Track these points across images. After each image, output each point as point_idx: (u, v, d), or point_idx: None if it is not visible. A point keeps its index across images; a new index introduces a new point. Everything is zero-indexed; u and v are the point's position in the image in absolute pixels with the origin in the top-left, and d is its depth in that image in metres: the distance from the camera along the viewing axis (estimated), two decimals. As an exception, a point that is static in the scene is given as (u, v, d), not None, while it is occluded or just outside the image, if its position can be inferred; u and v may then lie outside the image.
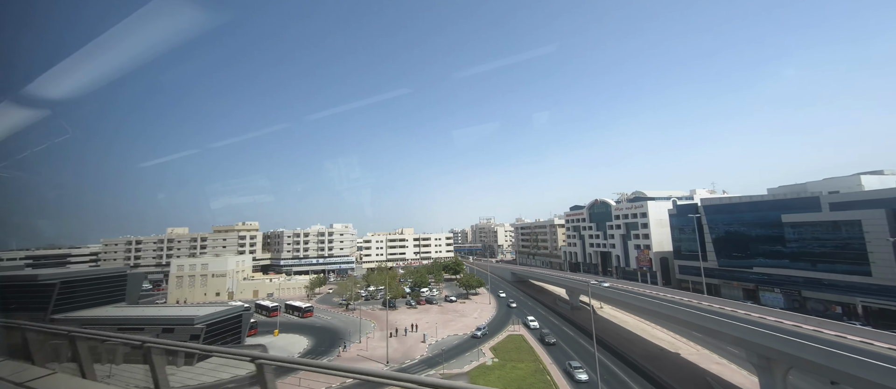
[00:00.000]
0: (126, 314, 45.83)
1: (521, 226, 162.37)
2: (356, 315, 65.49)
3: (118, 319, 44.16)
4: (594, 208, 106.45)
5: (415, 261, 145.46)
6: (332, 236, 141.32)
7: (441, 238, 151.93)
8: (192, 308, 47.86)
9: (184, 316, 42.48)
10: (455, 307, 68.35)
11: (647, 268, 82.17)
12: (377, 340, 48.67)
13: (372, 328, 55.61)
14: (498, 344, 43.56)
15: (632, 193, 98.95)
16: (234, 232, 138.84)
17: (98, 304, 50.83)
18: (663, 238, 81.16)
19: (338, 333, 53.71)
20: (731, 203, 64.01)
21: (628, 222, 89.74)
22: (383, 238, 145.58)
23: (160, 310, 47.05)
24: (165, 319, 42.76)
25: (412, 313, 65.50)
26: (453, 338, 48.27)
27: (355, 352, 43.86)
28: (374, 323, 58.83)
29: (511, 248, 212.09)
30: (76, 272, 49.51)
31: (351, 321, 61.00)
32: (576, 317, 58.10)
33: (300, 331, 55.27)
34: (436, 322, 56.85)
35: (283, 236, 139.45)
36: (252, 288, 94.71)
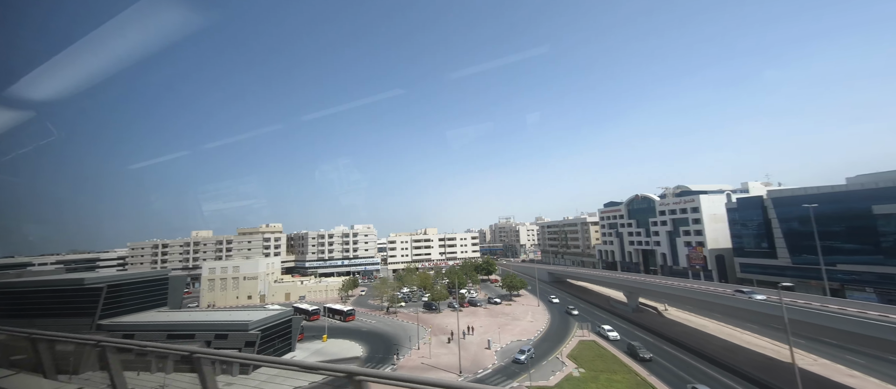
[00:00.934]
0: (174, 319, 43.52)
1: (548, 224, 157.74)
2: (400, 319, 62.44)
3: (167, 325, 41.81)
4: (633, 204, 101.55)
5: (440, 262, 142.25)
6: (357, 238, 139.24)
7: (466, 238, 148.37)
8: (242, 313, 45.32)
9: (237, 322, 39.86)
10: (502, 310, 64.67)
11: (701, 266, 77.17)
12: (435, 346, 45.36)
13: (425, 333, 52.35)
14: (574, 353, 39.63)
15: (675, 187, 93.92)
16: (258, 234, 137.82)
17: (142, 309, 48.80)
18: (718, 234, 76.17)
19: (389, 338, 50.60)
20: (806, 195, 58.85)
21: (676, 217, 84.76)
22: (408, 239, 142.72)
23: (209, 315, 44.68)
24: (218, 325, 40.22)
25: (459, 316, 62.02)
26: (518, 344, 44.63)
27: (417, 360, 40.60)
28: (429, 328, 55.55)
29: (534, 247, 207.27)
30: (121, 276, 47.51)
31: (397, 325, 57.93)
32: (644, 321, 53.83)
33: (348, 336, 52.36)
34: (489, 326, 53.35)
35: (308, 238, 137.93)
36: (284, 291, 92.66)
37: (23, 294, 45.25)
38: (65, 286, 43.99)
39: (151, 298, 50.48)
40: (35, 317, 43.22)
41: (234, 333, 39.23)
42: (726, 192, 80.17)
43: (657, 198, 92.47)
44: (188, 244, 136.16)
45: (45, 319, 42.80)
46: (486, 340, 44.58)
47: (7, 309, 44.41)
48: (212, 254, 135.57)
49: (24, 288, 45.75)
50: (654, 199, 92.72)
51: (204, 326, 40.70)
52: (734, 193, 79.98)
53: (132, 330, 42.41)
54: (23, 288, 45.74)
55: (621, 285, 63.08)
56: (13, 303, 44.64)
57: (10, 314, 44.09)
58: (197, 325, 40.93)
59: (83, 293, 43.11)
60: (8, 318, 43.59)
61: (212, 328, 40.21)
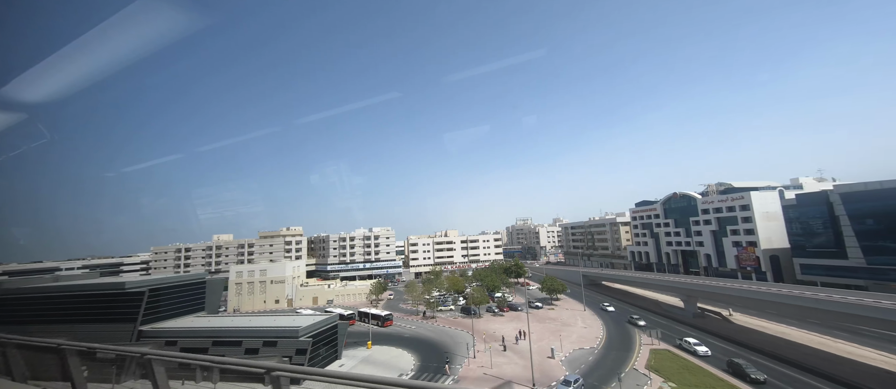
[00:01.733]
0: (217, 324, 41.29)
1: (572, 225, 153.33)
2: (439, 324, 59.48)
3: (212, 331, 39.61)
4: (671, 203, 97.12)
5: (463, 264, 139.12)
6: (378, 240, 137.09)
7: (489, 240, 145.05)
8: (287, 318, 42.90)
9: (287, 328, 37.41)
10: (547, 315, 61.19)
11: (753, 268, 72.52)
12: (490, 354, 42.16)
13: (473, 340, 49.26)
14: (653, 365, 35.88)
15: (716, 183, 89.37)
16: (279, 238, 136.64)
17: (181, 313, 46.84)
18: (772, 233, 71.54)
19: (436, 346, 47.63)
20: (882, 190, 54.20)
21: (722, 216, 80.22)
22: (429, 241, 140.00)
23: (254, 321, 42.33)
24: (266, 331, 37.83)
25: (501, 321, 58.91)
26: (582, 353, 41.25)
27: (477, 370, 37.54)
28: (475, 335, 52.43)
29: (554, 249, 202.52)
30: (161, 280, 45.65)
31: (440, 331, 54.97)
32: (711, 327, 49.81)
33: (391, 342, 49.59)
34: (540, 333, 50.00)
35: (329, 241, 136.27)
36: (311, 295, 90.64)
37: (61, 299, 43.66)
38: (105, 291, 42.22)
39: (190, 303, 48.54)
40: (76, 323, 41.53)
41: (283, 340, 36.77)
42: (779, 188, 75.56)
43: (699, 196, 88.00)
44: (210, 247, 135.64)
45: (86, 325, 41.06)
46: (549, 348, 41.26)
47: (48, 315, 42.84)
48: (234, 258, 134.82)
49: (62, 292, 44.18)
50: (696, 197, 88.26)
51: (251, 332, 38.35)
52: (789, 189, 75.35)
53: (174, 336, 40.34)
54: (62, 292, 44.18)
55: (680, 288, 58.95)
56: (53, 308, 43.06)
57: (51, 319, 42.51)
58: (243, 331, 38.61)
59: (124, 297, 41.27)
60: (49, 324, 42.02)
61: (259, 335, 37.83)
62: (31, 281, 51.06)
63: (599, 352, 40.93)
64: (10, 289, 46.26)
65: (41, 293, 45.22)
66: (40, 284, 48.63)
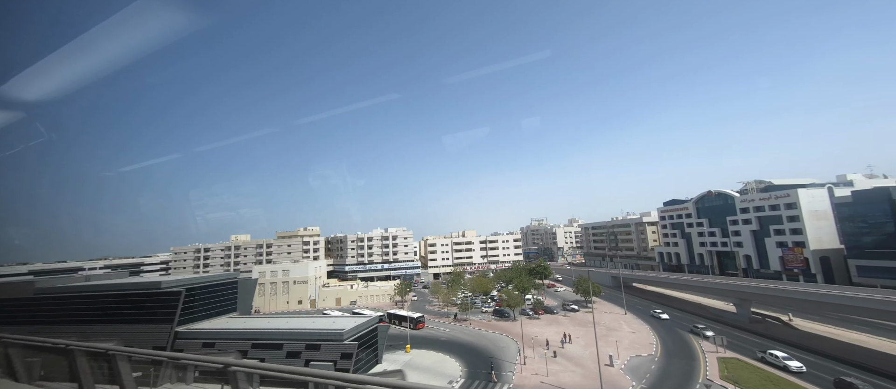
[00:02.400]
0: (257, 326, 39.65)
1: (593, 226, 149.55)
2: (473, 327, 57.15)
3: (250, 333, 37.97)
4: (705, 202, 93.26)
5: (482, 265, 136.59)
6: (396, 241, 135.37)
7: (508, 240, 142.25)
8: (327, 320, 41.05)
9: (331, 331, 35.54)
10: (586, 318, 58.37)
11: (801, 269, 68.55)
12: (540, 360, 39.68)
13: (512, 343, 46.83)
14: (730, 376, 32.70)
15: (755, 181, 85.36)
16: (297, 238, 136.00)
17: (214, 314, 45.46)
18: (821, 233, 67.59)
19: (478, 350, 45.28)
20: (956, 185, 50.14)
21: (764, 215, 76.33)
22: (448, 241, 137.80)
23: (292, 322, 40.54)
24: (308, 333, 36.01)
25: (539, 324, 56.31)
26: (642, 361, 38.51)
27: (533, 379, 35.08)
28: (531, 340, 49.99)
29: (571, 250, 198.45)
30: (195, 279, 44.36)
31: (477, 335, 52.64)
32: (774, 333, 46.49)
33: (431, 346, 47.38)
34: (587, 338, 47.26)
35: (347, 241, 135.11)
36: (333, 295, 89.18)
37: (96, 299, 42.64)
38: (141, 291, 41.02)
39: (222, 303, 47.18)
40: (111, 323, 40.38)
41: (327, 343, 34.89)
42: (828, 186, 71.47)
43: (736, 194, 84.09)
44: (229, 247, 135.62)
45: (122, 325, 39.86)
46: (603, 354, 38.57)
47: (82, 315, 41.79)
48: (252, 258, 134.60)
49: (97, 292, 43.16)
50: (733, 195, 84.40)
51: (292, 335, 36.57)
52: (838, 186, 71.26)
53: (211, 338, 38.82)
54: (96, 292, 43.16)
55: (734, 291, 55.39)
56: (88, 308, 42.02)
57: (86, 320, 41.43)
58: (284, 334, 36.84)
59: (160, 297, 39.99)
60: (84, 324, 40.93)
61: (301, 338, 36.03)
62: (59, 281, 50.30)
63: (661, 360, 38.12)
64: (45, 289, 45.43)
65: (75, 293, 44.27)
66: (73, 283, 47.77)
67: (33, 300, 45.06)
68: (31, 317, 44.48)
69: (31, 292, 45.14)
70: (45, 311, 43.74)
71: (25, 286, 45.72)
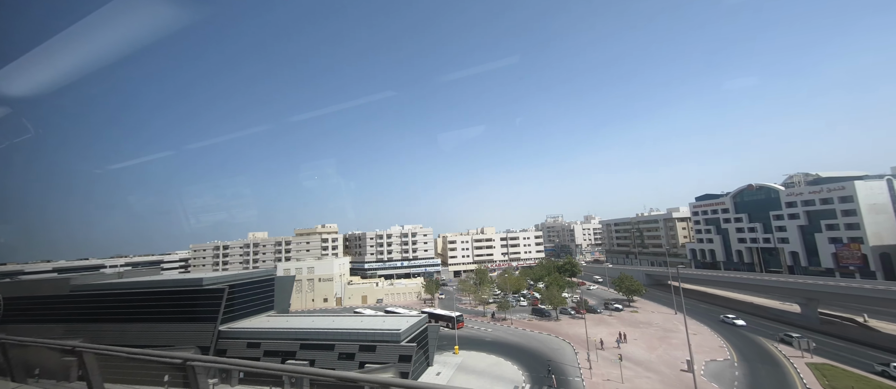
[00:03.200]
0: (305, 325, 37.49)
1: (616, 222, 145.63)
2: (514, 326, 54.57)
3: (300, 333, 35.86)
4: (744, 196, 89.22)
5: (503, 262, 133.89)
6: (415, 238, 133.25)
7: (530, 237, 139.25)
8: (375, 320, 38.78)
9: (387, 331, 33.24)
10: (635, 318, 55.37)
11: (857, 266, 64.57)
12: (604, 364, 36.91)
13: (576, 347, 44.11)
14: (832, 384, 29.52)
15: (800, 174, 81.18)
16: (316, 235, 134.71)
17: (252, 313, 43.52)
18: (880, 228, 63.60)
19: (531, 352, 42.68)
20: None
21: (814, 210, 72.30)
22: (468, 239, 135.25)
23: (342, 321, 38.28)
24: (362, 334, 33.74)
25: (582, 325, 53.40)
26: (721, 366, 35.53)
27: (608, 386, 32.30)
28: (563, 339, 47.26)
29: (590, 247, 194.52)
30: (236, 276, 42.49)
31: (523, 335, 50.06)
32: (851, 334, 43.14)
33: (480, 347, 44.89)
34: (646, 340, 44.35)
35: (366, 239, 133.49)
36: (359, 293, 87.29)
37: (136, 297, 40.98)
38: (182, 288, 39.19)
39: (261, 301, 45.26)
40: (152, 322, 38.65)
41: (383, 344, 32.57)
42: (887, 178, 67.24)
43: (781, 187, 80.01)
44: (248, 245, 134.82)
45: (164, 324, 38.08)
46: (674, 358, 35.68)
47: (121, 313, 40.15)
48: (271, 255, 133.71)
49: (136, 290, 41.50)
50: (777, 189, 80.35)
51: (344, 335, 34.34)
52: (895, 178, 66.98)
53: (257, 337, 36.83)
54: (135, 290, 41.49)
55: (799, 290, 51.83)
56: (128, 306, 40.36)
57: (125, 318, 39.79)
58: (335, 334, 34.62)
59: (203, 295, 38.11)
60: (124, 323, 39.29)
61: (354, 338, 33.78)
62: (93, 278, 48.87)
63: (741, 366, 35.07)
64: (80, 286, 43.96)
65: (111, 291, 42.69)
66: (107, 281, 46.26)
67: (69, 298, 43.63)
68: (67, 315, 43.03)
69: (67, 289, 43.71)
70: (81, 309, 42.23)
71: (61, 284, 44.30)
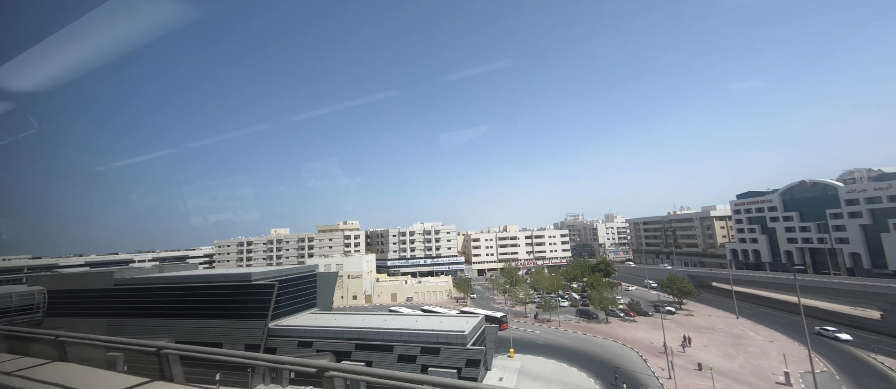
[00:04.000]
0: (358, 325, 35.47)
1: (645, 221, 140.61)
2: (565, 328, 51.70)
3: (356, 332, 33.83)
4: (795, 193, 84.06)
5: (528, 261, 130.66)
6: (439, 235, 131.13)
7: (555, 236, 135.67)
8: (431, 319, 36.56)
9: (452, 332, 30.92)
10: (694, 323, 51.82)
11: (933, 269, 59.28)
12: (686, 374, 33.80)
13: (633, 351, 41.08)
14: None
15: (863, 169, 75.68)
16: (338, 232, 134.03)
17: (296, 310, 41.83)
18: (962, 227, 58.12)
19: (591, 357, 39.82)
20: None
21: (879, 208, 67.19)
22: (493, 236, 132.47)
23: (392, 321, 36.12)
24: (426, 335, 31.50)
25: (638, 328, 50.33)
26: (823, 379, 31.93)
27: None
28: (622, 344, 44.18)
29: (614, 247, 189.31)
30: (280, 271, 40.92)
31: (574, 338, 47.24)
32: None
33: (531, 350, 42.19)
34: (718, 347, 40.93)
35: (388, 236, 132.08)
36: (389, 291, 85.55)
37: (178, 291, 39.76)
38: (232, 282, 37.68)
39: (304, 298, 43.56)
40: (200, 318, 37.30)
41: (448, 347, 30.24)
42: (968, 172, 61.65)
43: (839, 184, 74.74)
44: (271, 241, 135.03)
45: (213, 320, 36.68)
46: (760, 368, 32.34)
47: (168, 308, 38.97)
48: (294, 252, 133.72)
49: (179, 285, 40.30)
50: (835, 185, 75.16)
51: (404, 336, 32.14)
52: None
53: (308, 336, 35.01)
54: (178, 285, 40.30)
55: (884, 294, 47.47)
56: (173, 301, 39.15)
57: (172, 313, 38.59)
58: (394, 334, 32.45)
59: (253, 290, 36.53)
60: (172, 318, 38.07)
61: (415, 339, 31.57)
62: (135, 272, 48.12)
63: (846, 380, 31.50)
64: (124, 280, 43.04)
65: (156, 285, 41.57)
66: (150, 275, 45.27)
67: (113, 292, 42.77)
68: (112, 310, 42.16)
69: (111, 283, 42.82)
70: (126, 303, 41.27)
71: (105, 277, 43.46)
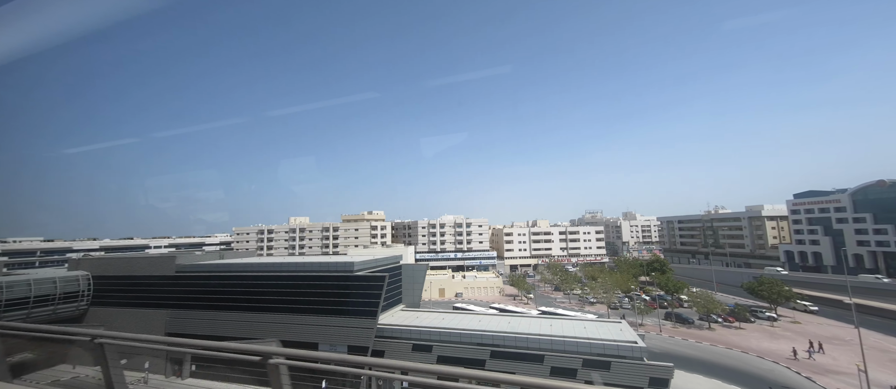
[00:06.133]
0: (488, 328, 29.90)
1: (680, 219, 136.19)
2: (658, 333, 46.64)
3: (489, 337, 28.31)
4: (868, 193, 79.59)
5: (562, 258, 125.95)
6: (470, 228, 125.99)
7: (590, 232, 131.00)
8: (572, 325, 31.05)
9: (624, 343, 25.42)
10: (808, 331, 46.85)
11: None
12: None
13: (764, 362, 36.06)
14: None
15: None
16: (365, 222, 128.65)
17: (387, 307, 36.25)
18: None
19: (730, 370, 34.70)
20: None
21: (978, 210, 62.37)
22: (526, 231, 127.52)
23: (523, 324, 30.59)
24: (588, 344, 25.96)
25: (747, 335, 45.31)
26: None
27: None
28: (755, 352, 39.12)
29: (638, 245, 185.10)
30: (373, 261, 35.29)
31: (684, 345, 42.18)
32: None
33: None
34: (847, 357, 35.99)
35: (418, 227, 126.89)
36: (436, 286, 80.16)
37: (257, 281, 34.06)
38: (330, 273, 31.91)
39: (392, 293, 37.97)
40: (290, 313, 31.70)
41: (622, 361, 24.82)
42: None
43: (926, 184, 70.02)
44: (293, 230, 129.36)
45: (311, 316, 31.06)
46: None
47: (256, 300, 33.26)
48: (318, 241, 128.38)
49: (257, 273, 34.55)
50: (921, 185, 70.34)
51: (559, 344, 26.61)
52: None
53: (426, 339, 29.47)
54: (262, 273, 34.50)
55: None
56: (261, 293, 33.42)
57: (257, 306, 32.92)
58: (545, 341, 26.85)
59: (358, 283, 30.90)
60: (255, 312, 32.44)
61: (575, 349, 26.07)
62: (195, 258, 42.20)
63: None
64: (188, 266, 37.23)
65: (230, 273, 35.80)
66: (214, 262, 39.45)
67: (173, 280, 37.02)
68: (173, 299, 36.46)
69: (173, 269, 37.03)
70: (190, 293, 35.57)
71: (165, 263, 37.65)
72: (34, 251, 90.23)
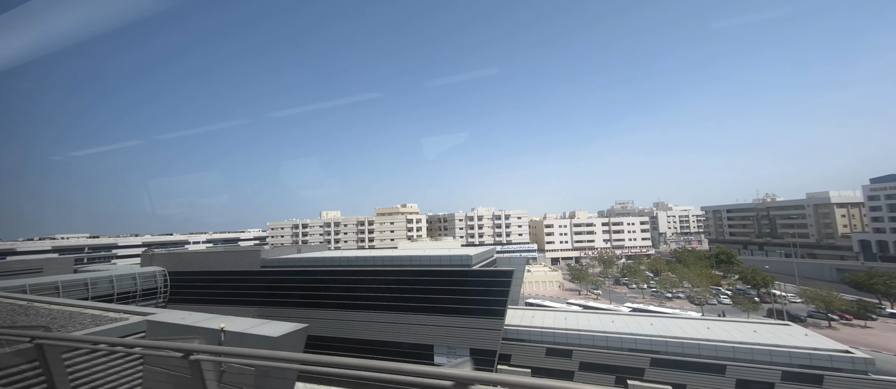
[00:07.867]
0: (623, 330, 26.12)
1: (729, 208, 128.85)
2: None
3: (644, 341, 24.42)
4: (968, 176, 71.65)
5: (606, 250, 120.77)
6: (509, 220, 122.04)
7: (635, 223, 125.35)
8: (740, 327, 26.83)
9: (836, 352, 21.14)
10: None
11: None
12: None
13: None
14: None
15: None
16: (400, 215, 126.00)
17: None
18: None
19: None
20: None
21: None
22: (567, 222, 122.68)
23: (683, 327, 26.52)
24: (787, 353, 21.74)
25: (877, 335, 40.09)
26: None
27: None
28: None
29: (675, 236, 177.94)
30: (480, 254, 31.73)
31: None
32: None
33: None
34: None
35: (455, 220, 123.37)
36: (490, 279, 76.59)
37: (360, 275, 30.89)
38: (445, 266, 28.38)
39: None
40: (405, 311, 28.48)
41: (838, 376, 20.57)
42: None
43: None
44: (328, 224, 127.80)
45: (426, 315, 27.75)
46: None
47: (357, 298, 30.16)
48: (353, 235, 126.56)
49: (362, 267, 31.31)
50: None
51: (744, 352, 22.42)
52: None
53: (562, 343, 25.71)
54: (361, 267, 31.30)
55: None
56: (363, 289, 30.30)
57: (363, 304, 29.83)
58: (726, 349, 22.72)
59: (479, 278, 27.39)
60: (360, 310, 29.34)
61: (768, 359, 21.85)
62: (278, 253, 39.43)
63: None
64: (272, 261, 34.41)
65: (321, 267, 32.76)
66: (295, 256, 36.53)
67: (259, 274, 34.31)
68: (258, 295, 33.76)
69: (259, 264, 34.26)
70: (277, 288, 32.76)
71: (250, 257, 34.88)
72: (82, 247, 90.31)
